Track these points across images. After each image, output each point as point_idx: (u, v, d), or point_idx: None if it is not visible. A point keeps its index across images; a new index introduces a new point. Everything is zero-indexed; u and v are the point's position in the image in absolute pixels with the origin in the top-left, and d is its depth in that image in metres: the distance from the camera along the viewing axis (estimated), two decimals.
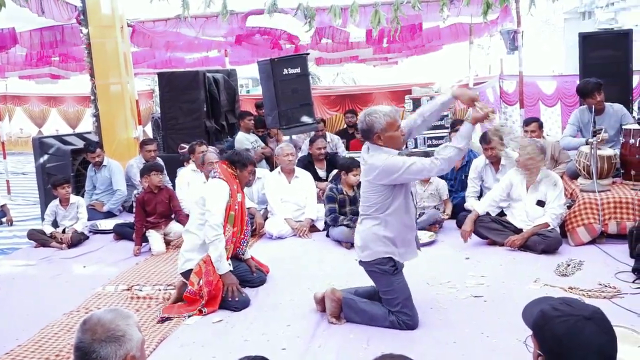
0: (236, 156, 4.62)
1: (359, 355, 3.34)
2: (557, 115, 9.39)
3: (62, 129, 16.50)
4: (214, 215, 4.25)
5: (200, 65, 13.72)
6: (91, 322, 1.84)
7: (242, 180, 4.59)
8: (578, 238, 5.17)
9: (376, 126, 3.53)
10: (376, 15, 7.59)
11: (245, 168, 4.57)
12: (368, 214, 3.71)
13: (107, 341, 1.79)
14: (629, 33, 7.01)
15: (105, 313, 1.89)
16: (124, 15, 8.36)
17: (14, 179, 11.28)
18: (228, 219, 4.37)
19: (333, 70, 25.09)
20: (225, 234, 4.31)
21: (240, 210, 4.50)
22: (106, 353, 1.78)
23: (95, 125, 8.33)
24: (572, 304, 1.73)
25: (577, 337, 1.63)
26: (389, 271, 3.67)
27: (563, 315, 1.67)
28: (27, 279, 5.22)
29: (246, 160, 4.58)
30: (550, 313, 1.70)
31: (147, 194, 5.95)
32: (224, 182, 4.42)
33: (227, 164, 4.57)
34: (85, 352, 1.78)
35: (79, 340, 1.82)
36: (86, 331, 1.81)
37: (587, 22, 20.59)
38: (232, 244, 4.43)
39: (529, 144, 5.03)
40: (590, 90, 5.88)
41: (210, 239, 4.20)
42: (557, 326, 1.66)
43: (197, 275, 4.18)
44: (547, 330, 1.68)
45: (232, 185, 4.44)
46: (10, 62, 12.30)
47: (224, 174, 4.49)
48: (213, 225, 4.22)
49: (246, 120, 8.63)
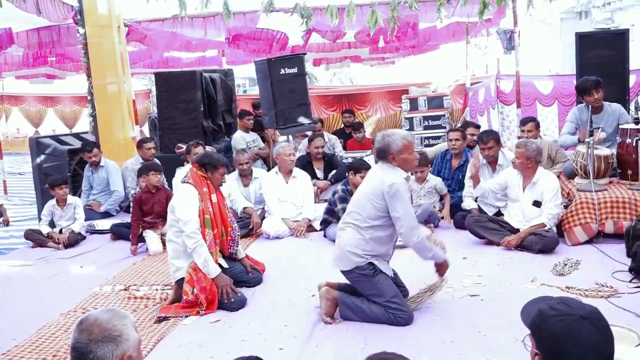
0: (206, 158, 4.51)
1: (356, 354, 3.34)
2: (554, 115, 9.39)
3: (59, 129, 16.47)
4: (187, 224, 4.18)
5: (197, 65, 13.70)
6: (87, 322, 1.84)
7: (214, 182, 4.48)
8: (575, 238, 5.18)
9: (393, 147, 3.73)
10: (373, 15, 7.58)
11: (216, 170, 4.46)
12: (354, 224, 3.81)
13: (103, 341, 1.79)
14: (625, 33, 7.02)
15: (101, 313, 1.89)
16: (120, 15, 8.34)
17: (11, 179, 11.27)
18: (205, 223, 4.29)
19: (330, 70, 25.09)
20: (205, 238, 4.24)
21: (217, 212, 4.43)
22: (103, 353, 1.78)
23: (92, 125, 8.32)
24: (570, 303, 1.74)
25: (574, 336, 1.64)
26: (369, 274, 3.76)
27: (560, 315, 1.68)
28: (24, 279, 5.21)
29: (217, 162, 4.47)
30: (547, 312, 1.71)
31: (144, 194, 5.95)
32: (191, 187, 4.35)
33: (197, 166, 4.49)
34: (81, 352, 1.78)
35: (75, 340, 1.82)
36: (83, 331, 1.81)
37: (584, 22, 20.65)
38: (217, 246, 4.38)
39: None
40: (589, 88, 5.88)
41: (191, 247, 4.15)
42: (554, 325, 1.67)
43: (189, 285, 4.15)
44: (545, 329, 1.69)
45: (201, 189, 4.36)
46: (7, 62, 12.27)
47: (193, 178, 4.41)
48: (189, 234, 4.16)
49: (245, 120, 8.63)
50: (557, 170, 6.04)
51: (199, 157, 4.64)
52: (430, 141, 9.26)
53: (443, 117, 9.61)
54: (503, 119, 9.77)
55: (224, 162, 4.57)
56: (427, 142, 9.32)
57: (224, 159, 4.69)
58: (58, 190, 6.35)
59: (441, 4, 7.91)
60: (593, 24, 17.90)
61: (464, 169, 6.29)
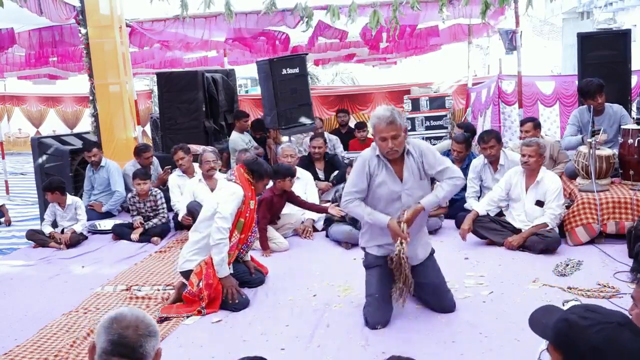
0: (256, 165, 4.51)
1: (358, 355, 3.34)
2: (555, 115, 9.38)
3: (60, 129, 16.52)
4: (222, 219, 4.18)
5: (199, 65, 13.72)
6: (129, 319, 1.90)
7: (257, 190, 4.54)
8: (577, 238, 5.18)
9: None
10: (375, 15, 7.59)
11: (261, 180, 4.50)
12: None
13: (150, 336, 1.89)
14: (627, 33, 7.00)
15: (133, 311, 1.96)
16: (122, 15, 8.35)
17: (13, 179, 11.30)
18: (237, 226, 4.30)
19: (332, 70, 25.11)
20: (231, 239, 4.26)
21: (250, 218, 4.44)
22: (150, 347, 1.88)
23: (94, 126, 8.33)
24: (597, 310, 1.66)
25: (617, 345, 1.56)
26: (363, 263, 3.90)
27: (596, 324, 1.59)
28: (25, 279, 5.21)
29: (264, 173, 4.50)
30: (580, 323, 1.61)
31: (275, 197, 5.67)
32: (240, 188, 4.34)
33: (246, 169, 4.48)
34: (132, 346, 1.85)
35: (120, 336, 1.86)
36: (127, 327, 1.87)
37: (586, 22, 20.60)
38: (236, 250, 4.39)
39: None
40: (593, 92, 5.88)
41: (215, 241, 4.15)
42: (593, 336, 1.57)
43: (197, 277, 4.16)
44: (581, 341, 1.59)
45: (246, 192, 4.37)
46: (10, 62, 12.28)
47: (240, 179, 4.41)
48: (220, 228, 4.16)
49: (242, 121, 8.64)
50: (558, 170, 6.04)
51: (250, 161, 4.61)
52: (432, 141, 9.26)
53: (445, 118, 9.61)
54: (505, 119, 9.75)
55: (271, 174, 4.63)
56: (429, 143, 9.31)
57: (272, 171, 4.72)
58: (50, 194, 6.33)
59: (443, 4, 7.90)
60: (595, 24, 17.84)
61: (467, 171, 6.28)
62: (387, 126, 3.50)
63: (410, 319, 3.79)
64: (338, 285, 4.50)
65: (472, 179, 6.11)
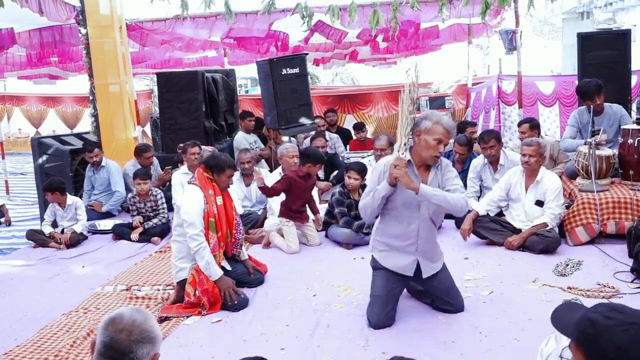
0: (213, 160, 4.44)
1: (358, 355, 3.35)
2: (555, 115, 9.39)
3: (60, 129, 16.51)
4: (190, 226, 4.16)
5: (199, 65, 13.72)
6: (124, 322, 1.87)
7: (220, 184, 4.42)
8: (577, 238, 5.18)
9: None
10: (375, 15, 7.58)
11: (222, 172, 4.40)
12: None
13: (143, 342, 1.86)
14: (627, 33, 7.01)
15: (134, 313, 1.93)
16: (122, 15, 8.35)
17: (13, 179, 11.30)
18: (209, 226, 4.26)
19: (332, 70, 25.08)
20: (209, 241, 4.23)
21: (223, 214, 4.39)
22: (142, 353, 1.85)
23: (94, 126, 8.33)
24: (621, 309, 1.65)
25: None
26: (371, 264, 3.91)
27: (622, 324, 1.57)
28: (25, 279, 5.21)
29: (223, 164, 4.40)
30: (604, 322, 1.60)
31: (299, 177, 5.72)
32: (197, 188, 4.31)
33: (204, 168, 4.44)
34: (122, 351, 1.83)
35: (111, 339, 1.85)
36: (121, 331, 1.85)
37: (586, 22, 20.57)
38: (220, 249, 4.36)
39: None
40: (592, 93, 5.88)
41: (194, 249, 4.15)
42: (619, 336, 1.56)
43: (192, 286, 4.16)
44: (606, 341, 1.58)
45: (207, 191, 4.31)
46: (10, 62, 12.29)
47: (199, 180, 4.38)
48: (192, 236, 4.15)
49: (246, 121, 8.63)
50: (558, 170, 6.04)
51: (206, 158, 4.55)
52: None
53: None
54: (505, 119, 9.76)
55: (231, 164, 4.48)
56: None
57: (232, 160, 4.59)
58: (50, 194, 6.34)
59: (443, 4, 7.90)
60: (595, 24, 17.84)
61: (467, 172, 6.29)
62: (448, 133, 3.66)
63: (410, 319, 3.78)
64: (338, 285, 4.50)
65: (472, 179, 6.12)
